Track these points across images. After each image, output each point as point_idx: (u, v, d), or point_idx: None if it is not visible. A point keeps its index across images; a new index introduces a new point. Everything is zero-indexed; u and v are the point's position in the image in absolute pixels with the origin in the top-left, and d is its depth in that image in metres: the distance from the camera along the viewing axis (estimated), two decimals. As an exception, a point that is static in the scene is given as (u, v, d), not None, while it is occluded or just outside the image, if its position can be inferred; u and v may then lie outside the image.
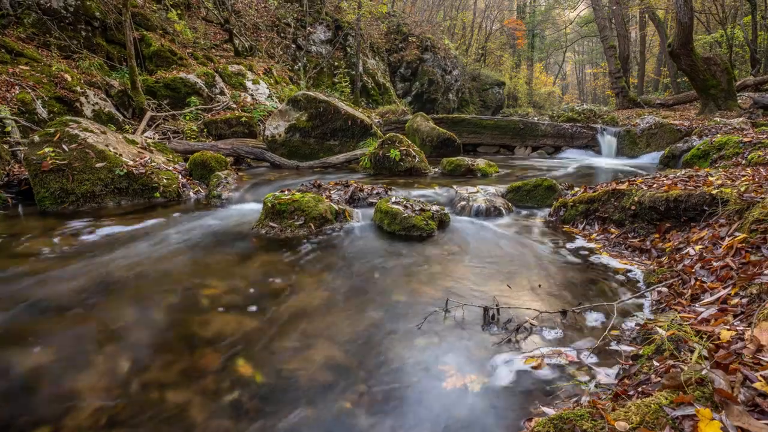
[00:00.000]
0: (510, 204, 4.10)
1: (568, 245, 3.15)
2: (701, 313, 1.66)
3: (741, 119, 7.51)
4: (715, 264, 2.09)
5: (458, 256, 3.00)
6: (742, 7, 16.88)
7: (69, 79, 7.47)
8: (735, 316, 1.51)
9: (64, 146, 4.25)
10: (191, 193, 4.74)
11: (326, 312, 2.40)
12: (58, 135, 4.30)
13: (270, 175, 5.53)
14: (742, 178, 3.42)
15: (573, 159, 7.82)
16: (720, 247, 2.23)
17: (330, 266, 2.92)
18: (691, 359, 1.18)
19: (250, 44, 12.21)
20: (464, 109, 26.03)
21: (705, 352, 1.31)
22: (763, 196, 2.38)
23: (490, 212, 3.88)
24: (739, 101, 11.63)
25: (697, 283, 1.98)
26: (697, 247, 2.34)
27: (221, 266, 2.93)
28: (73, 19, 8.64)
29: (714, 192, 2.63)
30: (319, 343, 2.12)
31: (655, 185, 3.26)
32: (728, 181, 2.83)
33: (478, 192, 4.22)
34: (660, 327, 1.70)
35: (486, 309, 1.95)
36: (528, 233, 3.45)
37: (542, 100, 38.84)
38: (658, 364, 1.37)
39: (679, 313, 1.75)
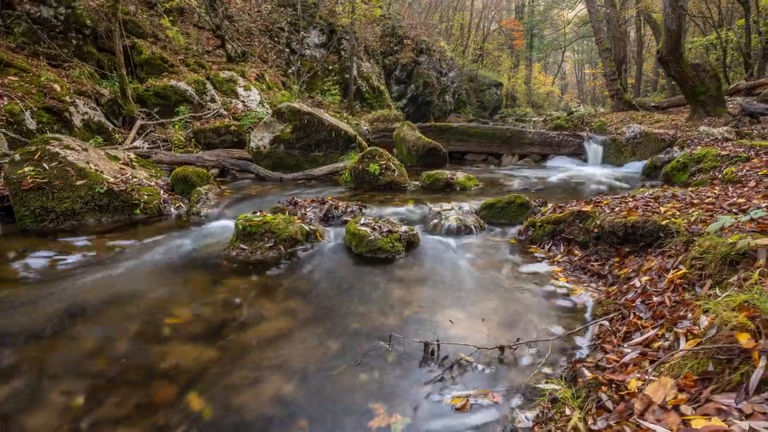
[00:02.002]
0: (482, 222, 4.17)
1: (530, 268, 3.21)
2: (626, 355, 1.72)
3: (725, 128, 7.56)
4: (654, 299, 2.15)
5: (419, 280, 3.07)
6: (738, 10, 16.88)
7: (58, 89, 7.54)
8: (652, 362, 1.58)
9: (44, 164, 4.32)
10: (172, 209, 4.81)
11: (284, 341, 2.47)
12: (38, 153, 4.37)
13: (252, 189, 5.60)
14: (706, 200, 3.48)
15: (558, 168, 7.87)
16: (664, 279, 2.29)
17: (294, 291, 2.98)
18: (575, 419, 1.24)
19: (243, 50, 12.26)
20: (461, 110, 26.05)
21: (610, 405, 1.37)
22: (707, 228, 2.43)
23: (461, 231, 3.94)
24: (730, 106, 11.67)
25: (634, 319, 2.05)
26: (644, 279, 2.40)
27: (189, 291, 3.00)
28: (63, 28, 8.70)
29: (664, 223, 2.70)
30: (271, 375, 2.19)
31: (617, 208, 3.32)
32: (677, 212, 2.89)
33: (451, 209, 4.28)
34: (587, 368, 1.77)
35: (426, 344, 2.02)
36: (494, 254, 3.52)
37: (541, 99, 38.84)
38: (569, 412, 1.44)
39: (607, 353, 1.81)
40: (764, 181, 4.06)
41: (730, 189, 4.10)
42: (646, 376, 1.46)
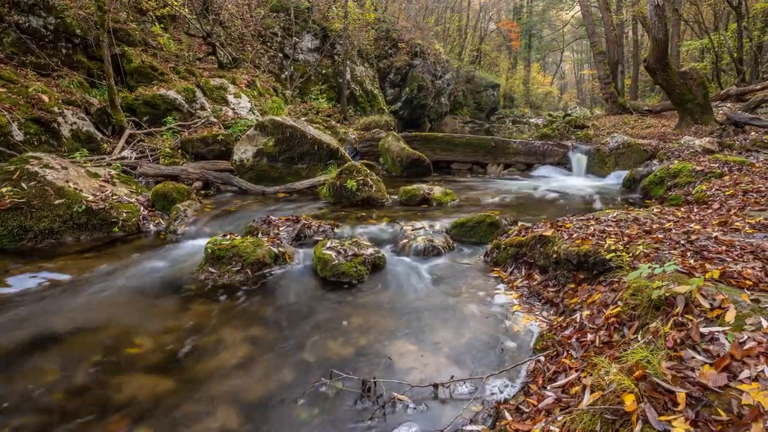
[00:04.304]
0: (451, 242, 4.24)
1: (489, 294, 3.29)
2: (544, 398, 1.80)
3: (708, 139, 7.61)
4: (588, 337, 2.23)
5: (379, 307, 3.15)
6: (733, 14, 16.87)
7: (46, 99, 7.61)
8: (562, 410, 1.66)
9: (23, 184, 4.41)
10: (151, 226, 4.89)
11: (241, 371, 2.54)
12: (18, 173, 4.46)
13: (233, 204, 5.68)
14: (665, 225, 3.55)
15: (542, 178, 7.94)
16: (602, 316, 2.36)
17: (257, 318, 3.07)
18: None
19: (234, 56, 12.31)
20: (458, 112, 26.12)
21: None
22: (649, 264, 2.51)
23: (429, 252, 4.02)
24: (720, 112, 11.71)
25: (565, 358, 2.12)
26: (585, 313, 2.48)
27: (154, 318, 3.08)
28: (53, 37, 8.77)
29: (609, 257, 2.77)
30: (222, 407, 2.27)
31: (575, 234, 3.40)
32: (626, 243, 2.95)
33: (421, 228, 4.36)
34: (508, 410, 1.85)
35: (364, 382, 2.10)
36: (457, 278, 3.59)
37: (539, 100, 38.85)
38: (476, 462, 1.52)
39: (529, 395, 1.89)
40: (728, 203, 4.13)
41: (695, 210, 4.18)
42: (550, 427, 1.54)
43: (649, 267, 1.96)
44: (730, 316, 1.69)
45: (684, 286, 1.88)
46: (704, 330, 1.65)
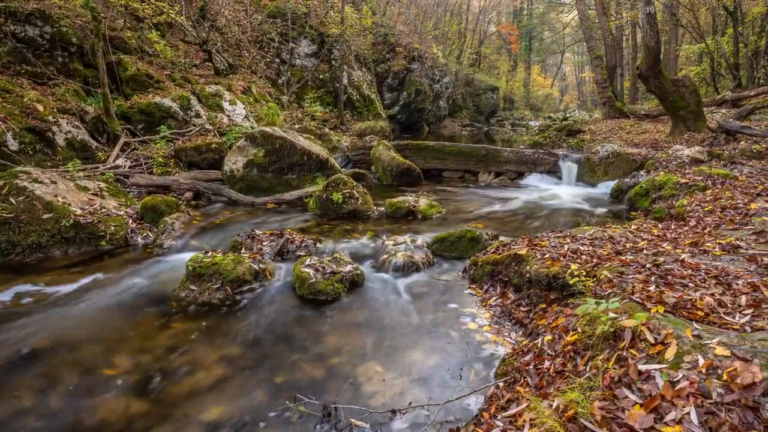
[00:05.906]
0: (431, 257, 4.30)
1: (463, 313, 3.35)
2: (493, 428, 1.86)
3: (697, 149, 7.64)
4: (546, 364, 2.28)
5: (354, 326, 3.22)
6: (728, 20, 16.86)
7: (41, 108, 7.71)
8: (506, 443, 1.71)
9: (12, 199, 4.49)
10: (139, 239, 4.97)
11: (214, 393, 2.61)
12: (6, 188, 4.54)
13: (221, 216, 5.75)
14: (639, 244, 3.61)
15: (532, 187, 7.98)
16: (562, 341, 2.42)
17: (233, 337, 3.13)
18: None
19: (230, 62, 12.40)
20: (457, 115, 26.15)
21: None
22: (611, 290, 2.57)
23: (408, 268, 4.08)
24: (718, 116, 11.73)
25: (521, 385, 2.18)
26: (547, 338, 2.54)
27: (133, 336, 3.15)
28: (49, 46, 8.86)
29: (572, 282, 2.82)
30: (192, 429, 2.34)
31: (547, 254, 3.45)
32: (585, 271, 3.00)
33: (403, 243, 4.42)
34: (459, 441, 1.91)
35: (325, 407, 2.17)
36: (433, 295, 3.65)
37: (540, 102, 38.82)
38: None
39: (480, 424, 1.95)
40: (705, 220, 4.18)
41: (672, 227, 4.23)
42: (491, 462, 1.60)
43: (596, 302, 2.02)
44: (671, 352, 1.75)
45: (632, 320, 1.93)
46: (642, 367, 1.71)
